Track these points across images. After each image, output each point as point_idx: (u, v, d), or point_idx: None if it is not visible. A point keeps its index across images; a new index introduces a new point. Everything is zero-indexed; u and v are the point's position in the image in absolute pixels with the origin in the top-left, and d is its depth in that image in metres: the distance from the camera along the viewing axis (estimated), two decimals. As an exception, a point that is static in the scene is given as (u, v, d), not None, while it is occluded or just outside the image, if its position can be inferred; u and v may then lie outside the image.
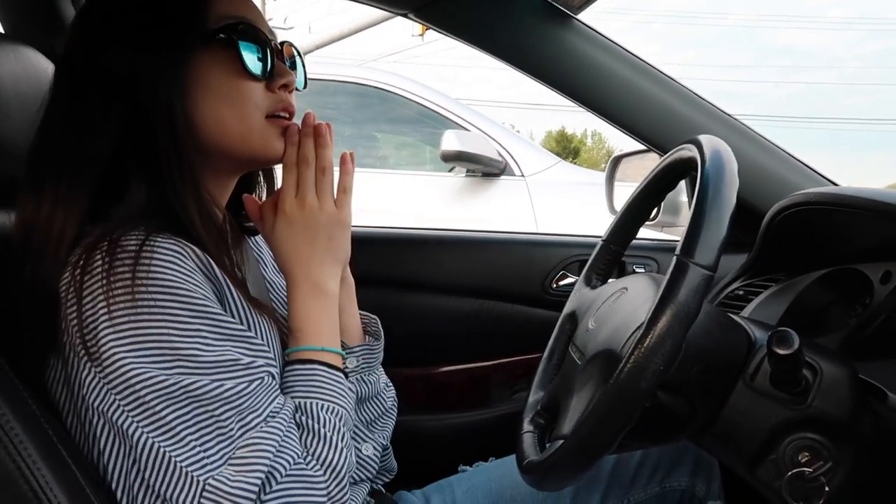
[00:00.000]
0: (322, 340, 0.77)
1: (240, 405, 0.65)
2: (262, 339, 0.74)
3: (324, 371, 0.76)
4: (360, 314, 0.94)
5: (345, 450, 0.73)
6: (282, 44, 0.83)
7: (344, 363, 0.81)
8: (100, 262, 0.64)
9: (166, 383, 0.63)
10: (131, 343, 0.63)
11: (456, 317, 1.47)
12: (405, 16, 1.21)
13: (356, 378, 0.91)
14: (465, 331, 1.48)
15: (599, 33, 1.18)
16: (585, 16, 1.19)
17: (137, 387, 0.62)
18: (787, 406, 0.72)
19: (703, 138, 0.77)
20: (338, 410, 0.75)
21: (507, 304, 1.48)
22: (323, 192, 0.78)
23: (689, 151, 0.78)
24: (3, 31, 1.12)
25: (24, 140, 0.78)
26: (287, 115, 0.80)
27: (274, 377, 0.71)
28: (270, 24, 0.86)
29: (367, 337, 0.94)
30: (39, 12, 1.13)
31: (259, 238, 0.97)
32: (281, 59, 0.80)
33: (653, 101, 1.18)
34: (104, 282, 0.63)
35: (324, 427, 0.73)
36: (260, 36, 0.77)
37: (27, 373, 0.68)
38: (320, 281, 0.78)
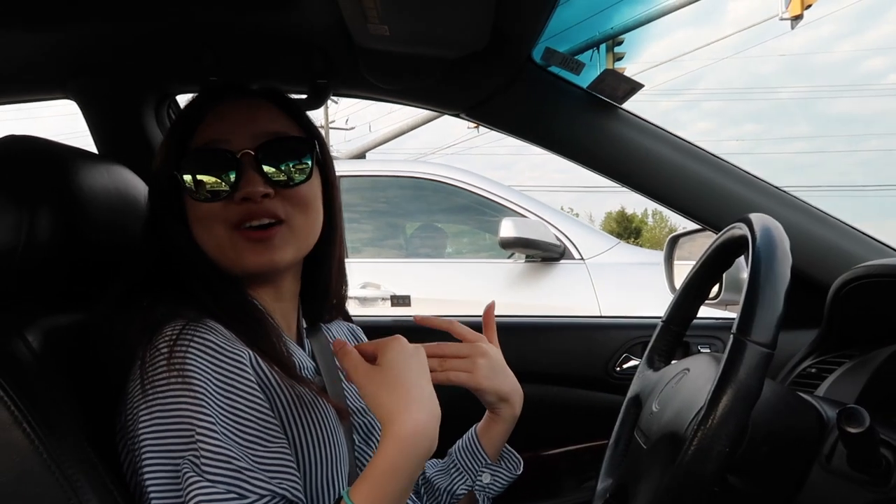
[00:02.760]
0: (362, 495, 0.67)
1: None
2: (309, 428, 0.78)
3: None
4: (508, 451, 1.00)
5: None
6: (259, 149, 0.81)
7: None
8: (144, 348, 0.72)
9: (167, 467, 0.67)
10: (151, 420, 0.68)
11: (519, 403, 1.46)
12: (457, 115, 1.28)
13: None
14: (530, 417, 1.46)
15: (644, 119, 1.22)
16: (635, 98, 1.24)
17: (143, 460, 0.68)
18: (868, 489, 0.69)
19: (754, 216, 0.78)
20: None
21: (571, 388, 1.47)
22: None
23: (740, 230, 0.79)
24: (97, 152, 1.25)
25: (113, 247, 0.86)
26: (259, 224, 0.80)
27: (275, 496, 0.68)
28: (332, 125, 0.93)
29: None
30: (127, 133, 1.26)
31: (336, 327, 1.03)
32: (253, 167, 0.80)
33: (702, 181, 1.20)
34: (143, 364, 0.71)
35: None
36: (214, 159, 0.80)
37: (103, 442, 0.73)
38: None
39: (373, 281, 3.06)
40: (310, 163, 0.85)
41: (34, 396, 0.69)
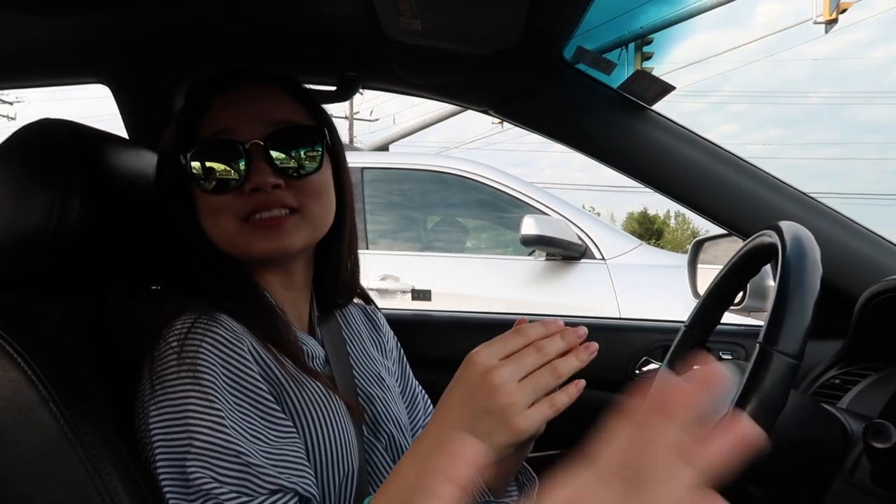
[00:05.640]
0: None
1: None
2: (318, 422, 0.76)
3: None
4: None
5: None
6: (268, 138, 0.80)
7: None
8: (154, 342, 0.72)
9: (174, 459, 0.67)
10: (161, 417, 0.68)
11: (536, 403, 1.45)
12: (485, 112, 1.28)
13: None
14: (546, 417, 1.46)
15: (674, 122, 1.21)
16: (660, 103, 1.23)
17: (156, 456, 0.68)
18: (891, 505, 0.68)
19: (784, 224, 0.77)
20: None
21: (589, 390, 1.45)
22: (529, 388, 0.63)
23: (770, 238, 0.78)
24: (127, 137, 1.26)
25: (138, 228, 0.88)
26: (270, 215, 0.79)
27: (285, 492, 0.68)
28: (356, 117, 0.92)
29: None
30: (158, 119, 1.27)
31: (350, 312, 1.01)
32: (262, 157, 0.79)
33: (731, 186, 1.18)
34: (152, 358, 0.71)
35: None
36: (223, 149, 0.79)
37: (126, 423, 0.74)
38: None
39: (392, 273, 3.07)
40: (320, 150, 0.83)
41: (60, 376, 0.70)
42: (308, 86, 0.91)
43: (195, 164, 0.80)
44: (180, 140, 0.82)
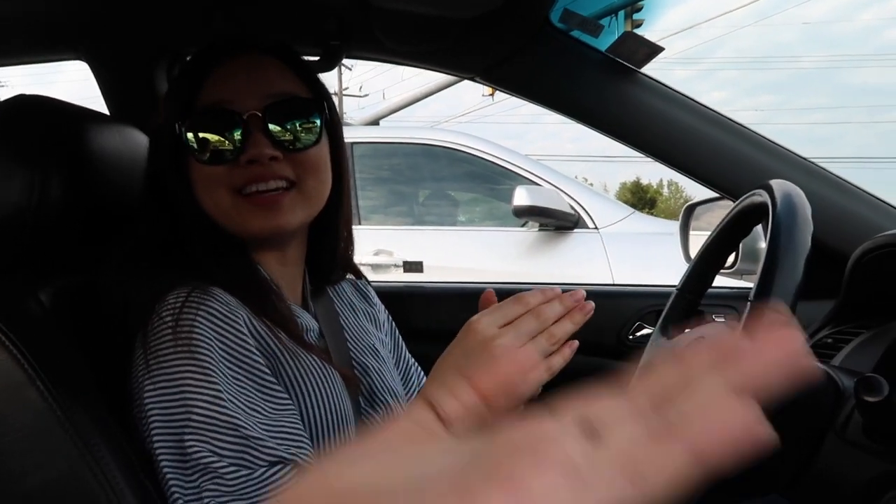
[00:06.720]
0: None
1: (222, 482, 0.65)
2: (315, 394, 0.76)
3: None
4: None
5: None
6: (266, 110, 0.78)
7: None
8: (147, 317, 0.71)
9: (171, 435, 0.67)
10: (157, 392, 0.68)
11: (531, 370, 1.46)
12: (472, 79, 1.26)
13: None
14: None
15: (664, 84, 1.19)
16: (649, 67, 1.21)
17: (152, 432, 0.67)
18: (883, 458, 0.68)
19: (774, 183, 0.76)
20: None
21: (583, 356, 1.46)
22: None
23: (760, 196, 0.78)
24: (108, 113, 1.24)
25: (125, 208, 0.86)
26: (267, 188, 0.77)
27: (285, 464, 0.67)
28: (346, 92, 0.90)
29: None
30: (138, 94, 1.25)
31: (342, 286, 1.00)
32: (260, 129, 0.78)
33: (721, 148, 1.17)
34: (146, 334, 0.70)
35: None
36: (219, 120, 0.78)
37: (116, 400, 0.74)
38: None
39: (385, 248, 3.06)
40: (318, 123, 0.82)
41: (47, 355, 0.70)
42: None
43: (190, 135, 0.79)
44: (176, 110, 0.80)
